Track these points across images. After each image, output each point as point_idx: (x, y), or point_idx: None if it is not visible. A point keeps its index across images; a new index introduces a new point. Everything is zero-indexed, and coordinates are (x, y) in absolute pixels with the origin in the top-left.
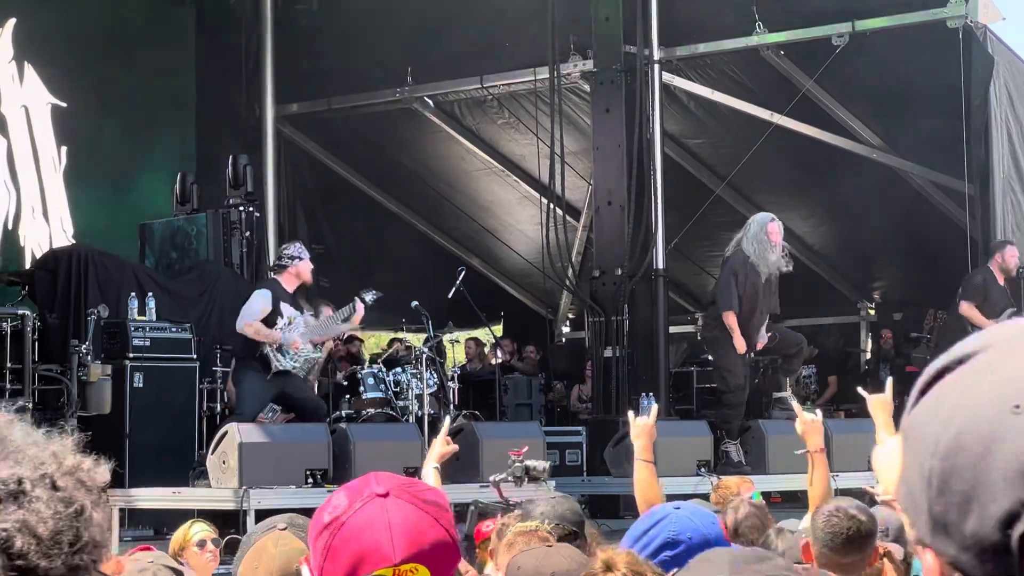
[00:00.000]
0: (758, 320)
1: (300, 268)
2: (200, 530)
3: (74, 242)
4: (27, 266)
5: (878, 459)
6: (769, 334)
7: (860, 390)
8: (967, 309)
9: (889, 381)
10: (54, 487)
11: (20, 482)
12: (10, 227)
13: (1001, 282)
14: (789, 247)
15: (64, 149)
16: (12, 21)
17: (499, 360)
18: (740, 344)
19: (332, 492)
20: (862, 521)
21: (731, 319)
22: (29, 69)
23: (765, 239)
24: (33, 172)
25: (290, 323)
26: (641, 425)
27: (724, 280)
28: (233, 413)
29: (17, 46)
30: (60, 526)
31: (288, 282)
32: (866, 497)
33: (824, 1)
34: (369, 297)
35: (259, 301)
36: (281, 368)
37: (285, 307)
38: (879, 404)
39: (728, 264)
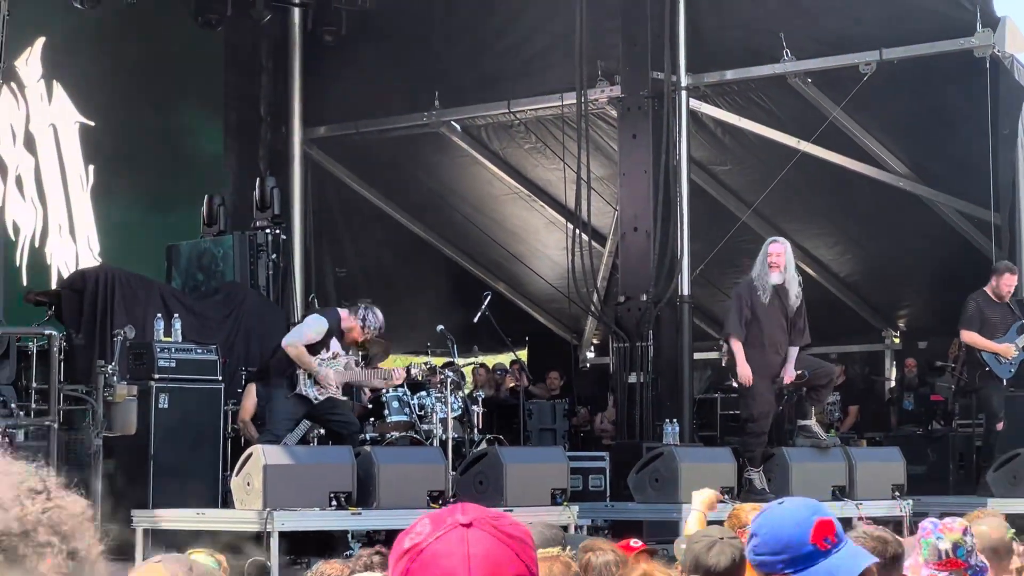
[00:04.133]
0: (774, 347)
1: (354, 327)
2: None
3: (100, 261)
4: (53, 284)
5: None
6: (799, 372)
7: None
8: (967, 337)
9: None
10: None
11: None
12: (37, 244)
13: (1000, 300)
14: (801, 276)
15: (92, 168)
16: (42, 40)
17: (525, 384)
18: (743, 371)
19: (418, 518)
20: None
21: (736, 345)
22: (58, 88)
23: (765, 260)
24: (60, 190)
25: (334, 358)
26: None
27: (730, 306)
28: (264, 432)
29: (46, 65)
30: None
31: (344, 324)
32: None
33: (852, 29)
34: (415, 371)
35: (314, 327)
36: (302, 393)
37: (334, 343)
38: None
39: (735, 291)
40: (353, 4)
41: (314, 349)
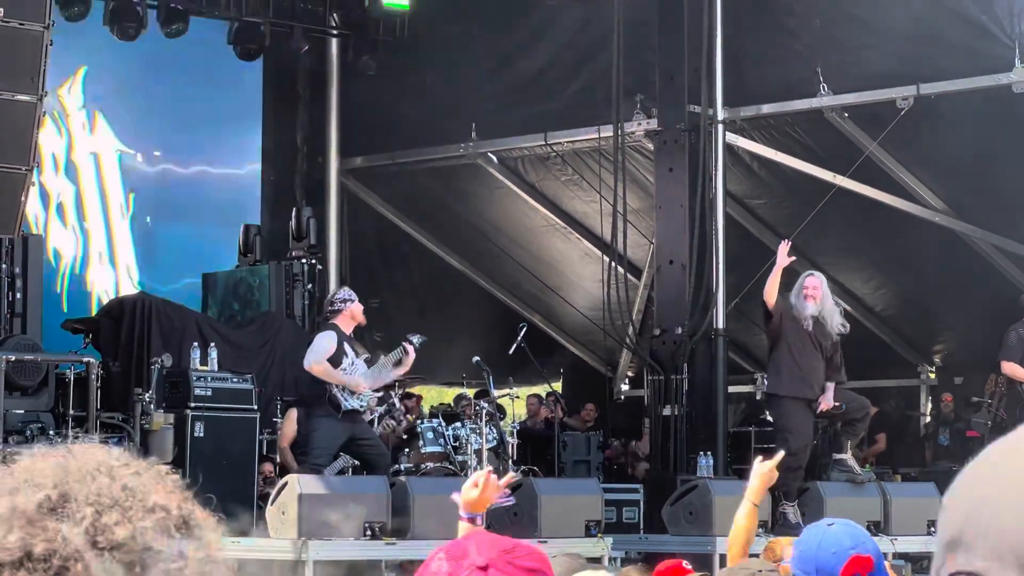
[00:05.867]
0: (809, 377)
1: (353, 309)
2: None
3: (139, 289)
4: (93, 311)
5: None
6: (836, 403)
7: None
8: (1007, 368)
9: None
10: None
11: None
12: (77, 272)
13: None
14: (844, 310)
15: (132, 196)
16: (84, 69)
17: (560, 416)
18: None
19: (433, 552)
20: None
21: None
22: (99, 116)
23: (800, 292)
24: (100, 218)
25: (352, 364)
26: (764, 469)
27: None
28: (308, 460)
29: (88, 94)
30: None
31: (345, 325)
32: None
33: (889, 64)
34: (416, 340)
35: (325, 341)
36: (350, 407)
37: (348, 349)
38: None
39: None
40: (391, 35)
41: (335, 362)
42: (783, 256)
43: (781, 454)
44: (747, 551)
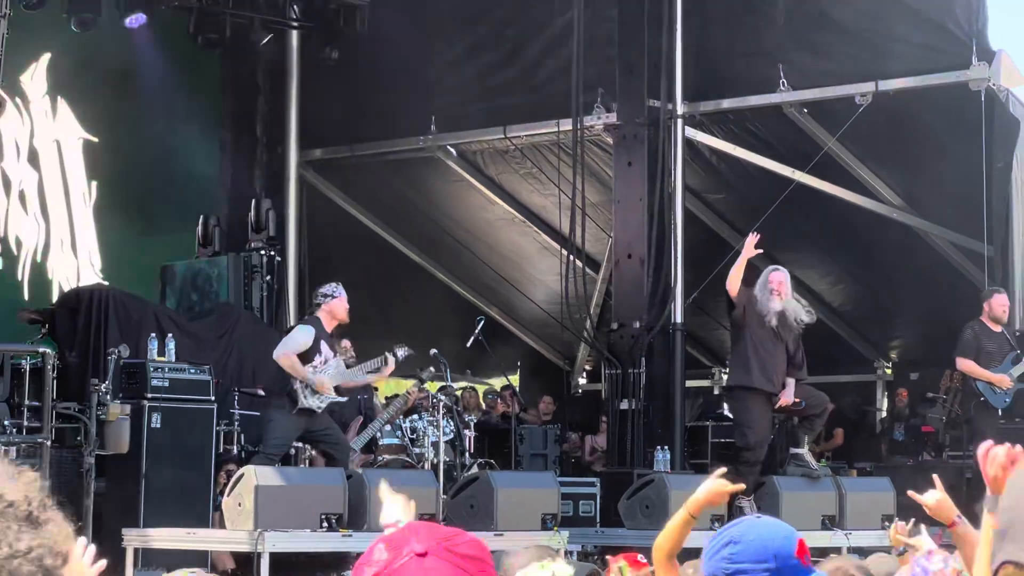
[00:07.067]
0: (771, 372)
1: (333, 306)
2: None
3: (101, 277)
4: (54, 299)
5: None
6: (796, 399)
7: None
8: (962, 365)
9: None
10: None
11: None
12: (39, 259)
13: (997, 329)
14: (805, 304)
15: (94, 184)
16: (47, 56)
17: (516, 410)
18: (738, 266)
19: (374, 541)
20: None
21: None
22: (62, 104)
23: (766, 287)
24: (63, 206)
25: (325, 363)
26: (717, 486)
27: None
28: (261, 450)
29: (51, 81)
30: None
31: (326, 321)
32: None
33: (848, 61)
34: (401, 353)
35: (301, 335)
36: (305, 406)
37: (324, 347)
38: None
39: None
40: (351, 26)
41: (307, 357)
42: (750, 248)
43: (740, 486)
44: (671, 560)
